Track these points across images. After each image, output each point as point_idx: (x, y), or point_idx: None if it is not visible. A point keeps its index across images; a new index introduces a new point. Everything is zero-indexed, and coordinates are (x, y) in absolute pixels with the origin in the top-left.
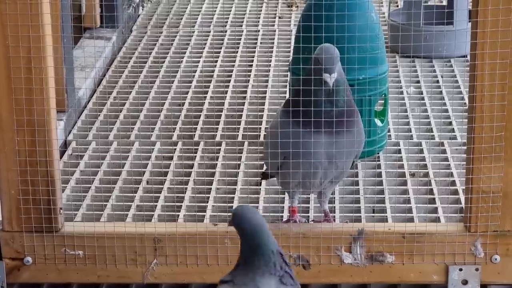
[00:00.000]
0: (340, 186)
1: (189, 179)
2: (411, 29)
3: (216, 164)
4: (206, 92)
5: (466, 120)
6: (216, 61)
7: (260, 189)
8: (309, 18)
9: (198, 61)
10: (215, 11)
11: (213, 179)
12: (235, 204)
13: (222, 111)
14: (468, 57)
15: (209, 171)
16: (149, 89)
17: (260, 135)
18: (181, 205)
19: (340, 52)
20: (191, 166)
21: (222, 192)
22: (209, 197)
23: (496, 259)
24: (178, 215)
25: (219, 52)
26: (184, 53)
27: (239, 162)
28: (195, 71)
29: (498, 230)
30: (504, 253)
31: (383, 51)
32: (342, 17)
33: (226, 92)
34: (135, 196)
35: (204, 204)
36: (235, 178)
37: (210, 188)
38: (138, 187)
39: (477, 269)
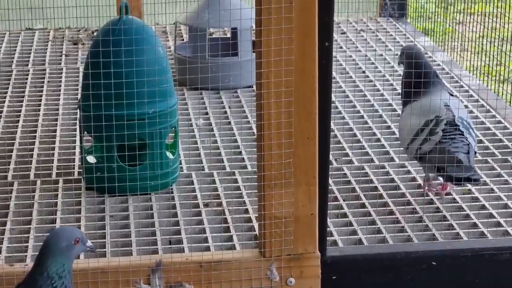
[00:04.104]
0: (135, 219)
1: None
2: (197, 62)
3: (9, 204)
4: None
5: (256, 149)
6: (4, 101)
7: (55, 227)
8: (98, 54)
9: None
10: None
11: (6, 219)
12: (30, 244)
13: (12, 152)
14: (254, 87)
15: (2, 212)
16: None
17: (52, 173)
18: None
19: (130, 87)
20: None
21: (16, 232)
22: (3, 238)
23: (291, 281)
24: None
25: (6, 93)
26: None
27: (32, 201)
28: None
29: (292, 254)
30: (299, 275)
31: (172, 84)
32: (130, 52)
33: (16, 132)
34: None
35: None
36: (29, 217)
37: (4, 229)
38: None
39: None
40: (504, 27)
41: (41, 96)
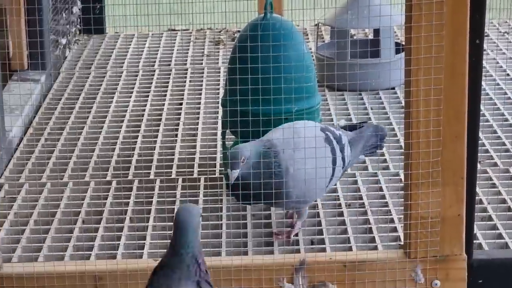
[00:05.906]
0: (278, 219)
1: (125, 217)
2: (339, 62)
3: (152, 201)
4: (138, 131)
5: (398, 150)
6: (146, 101)
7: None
8: (245, 49)
9: (128, 101)
10: (142, 51)
11: (149, 216)
12: None
13: (154, 150)
14: (396, 89)
15: (145, 209)
16: (81, 129)
17: (194, 171)
18: (119, 244)
19: (277, 83)
20: (127, 204)
21: (159, 229)
22: (146, 234)
23: (436, 284)
24: (116, 253)
25: (148, 92)
26: (114, 93)
27: (174, 199)
28: (125, 111)
29: (438, 255)
30: (444, 277)
31: (316, 82)
32: (278, 47)
33: (158, 130)
34: (71, 236)
35: (142, 241)
36: (171, 215)
37: (147, 226)
38: (74, 227)
39: None
40: None
41: (182, 95)
